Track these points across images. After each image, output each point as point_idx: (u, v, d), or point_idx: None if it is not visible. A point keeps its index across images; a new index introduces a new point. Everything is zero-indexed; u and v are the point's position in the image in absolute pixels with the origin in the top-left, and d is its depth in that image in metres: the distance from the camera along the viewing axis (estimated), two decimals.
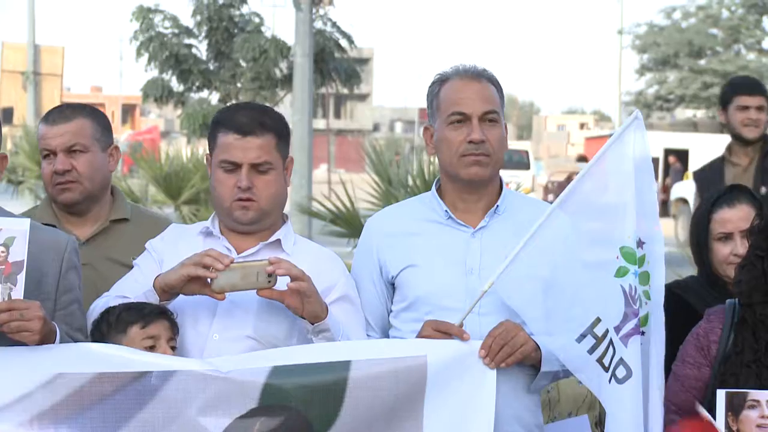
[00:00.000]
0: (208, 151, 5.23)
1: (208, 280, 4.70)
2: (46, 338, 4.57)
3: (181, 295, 4.89)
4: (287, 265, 4.69)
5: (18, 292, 4.48)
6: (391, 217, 5.43)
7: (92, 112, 5.73)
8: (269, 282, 4.65)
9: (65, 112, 5.80)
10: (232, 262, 4.71)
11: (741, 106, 8.47)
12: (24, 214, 5.74)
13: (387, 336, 5.16)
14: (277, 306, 4.89)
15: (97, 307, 4.94)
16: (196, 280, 4.69)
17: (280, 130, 5.10)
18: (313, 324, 4.77)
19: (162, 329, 4.75)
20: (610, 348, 4.72)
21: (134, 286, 4.93)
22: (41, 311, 4.51)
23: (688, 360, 4.82)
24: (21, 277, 4.48)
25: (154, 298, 4.81)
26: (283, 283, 4.68)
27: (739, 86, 9.15)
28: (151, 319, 4.74)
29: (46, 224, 5.47)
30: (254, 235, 5.03)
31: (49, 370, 4.58)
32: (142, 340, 4.70)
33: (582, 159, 47.29)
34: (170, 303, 4.89)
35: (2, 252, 4.49)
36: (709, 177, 9.10)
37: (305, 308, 4.72)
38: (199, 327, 4.93)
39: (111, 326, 4.74)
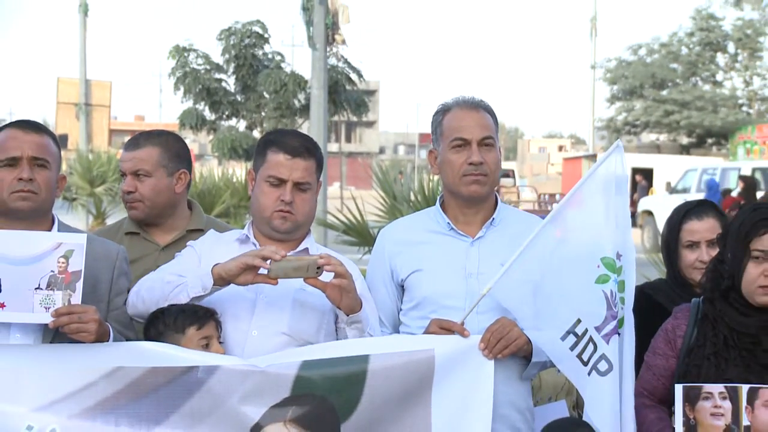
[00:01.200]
0: (252, 167, 5.19)
1: (262, 270, 4.68)
2: (100, 338, 4.58)
3: (222, 296, 4.88)
4: (335, 262, 4.69)
5: (77, 298, 4.50)
6: (400, 228, 5.42)
7: (164, 141, 5.69)
8: (317, 274, 4.66)
9: (139, 140, 5.78)
10: (284, 257, 4.70)
11: None
12: (114, 225, 6.06)
13: (397, 330, 5.16)
14: (308, 305, 4.94)
15: (145, 283, 4.90)
16: (251, 270, 4.64)
17: (319, 158, 5.11)
18: (348, 315, 4.78)
19: (212, 329, 4.76)
20: (590, 345, 4.74)
21: (178, 269, 4.92)
22: (97, 314, 4.54)
23: (658, 352, 4.84)
24: (79, 285, 4.51)
25: (208, 282, 4.73)
26: (327, 277, 4.69)
27: None
28: (205, 321, 4.75)
29: (131, 232, 5.75)
30: (286, 243, 4.99)
31: (110, 363, 4.59)
32: (199, 340, 4.70)
33: None
34: (211, 300, 4.87)
35: (62, 263, 4.50)
36: None
37: (342, 301, 4.71)
38: (239, 324, 4.90)
39: (168, 326, 4.73)
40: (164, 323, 4.75)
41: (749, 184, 30.23)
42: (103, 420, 4.57)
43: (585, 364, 4.75)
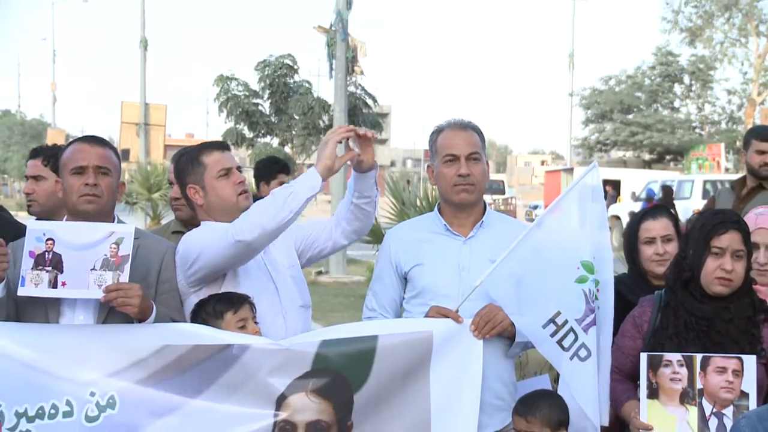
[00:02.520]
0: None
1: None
2: (143, 312, 4.57)
3: (247, 282, 4.89)
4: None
5: (124, 278, 4.51)
6: (404, 229, 5.42)
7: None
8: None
9: None
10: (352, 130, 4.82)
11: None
12: (164, 225, 6.27)
13: (398, 315, 5.14)
14: (297, 276, 5.18)
15: (254, 208, 4.79)
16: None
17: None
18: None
19: (247, 312, 4.73)
20: (571, 334, 4.74)
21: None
22: (140, 291, 4.53)
23: (626, 334, 4.84)
24: (126, 267, 4.52)
25: (317, 181, 4.70)
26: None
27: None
28: (239, 305, 4.72)
29: (177, 231, 5.75)
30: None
31: (159, 342, 4.58)
32: (236, 323, 4.67)
33: None
34: (238, 286, 4.86)
35: (114, 248, 4.52)
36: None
37: (368, 157, 4.90)
38: (273, 306, 4.92)
39: (209, 314, 4.70)
40: (205, 311, 4.73)
41: (667, 192, 31.73)
42: (154, 389, 4.56)
43: (566, 350, 4.74)
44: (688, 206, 30.90)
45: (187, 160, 5.09)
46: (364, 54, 26.18)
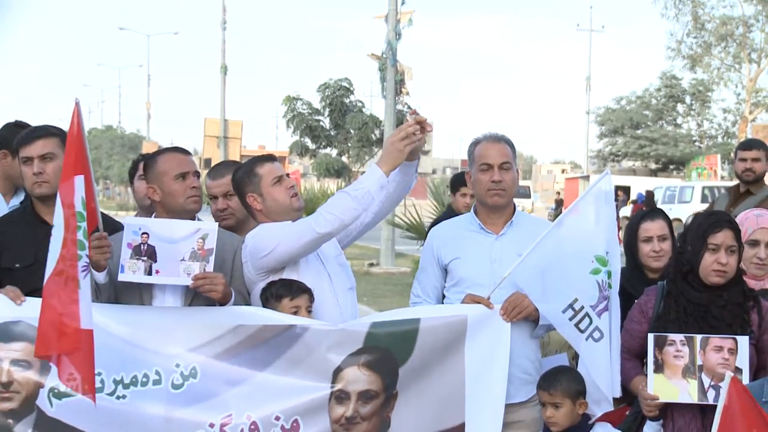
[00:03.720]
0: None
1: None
2: (225, 297, 4.62)
3: (307, 271, 4.87)
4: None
5: (209, 267, 4.54)
6: (445, 227, 5.38)
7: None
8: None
9: (221, 170, 5.69)
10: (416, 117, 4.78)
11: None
12: None
13: (440, 301, 5.10)
14: (343, 262, 5.18)
15: (332, 201, 4.81)
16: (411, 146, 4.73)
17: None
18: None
19: (303, 301, 4.70)
20: (586, 318, 4.74)
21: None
22: (223, 280, 4.58)
23: (634, 319, 4.79)
24: (211, 259, 4.54)
25: (383, 179, 4.72)
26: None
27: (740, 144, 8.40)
28: (297, 294, 4.69)
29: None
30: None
31: (233, 322, 4.60)
32: (290, 308, 4.66)
33: (560, 202, 47.16)
34: (299, 274, 4.84)
35: (200, 243, 4.55)
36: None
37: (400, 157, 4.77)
38: (326, 290, 4.89)
39: (272, 295, 4.69)
40: (269, 292, 4.72)
41: (649, 196, 31.92)
42: (228, 362, 4.58)
43: (582, 332, 4.74)
44: (690, 209, 30.65)
45: (244, 174, 5.06)
46: (410, 77, 26.20)
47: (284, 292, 4.70)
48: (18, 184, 5.60)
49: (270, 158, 5.18)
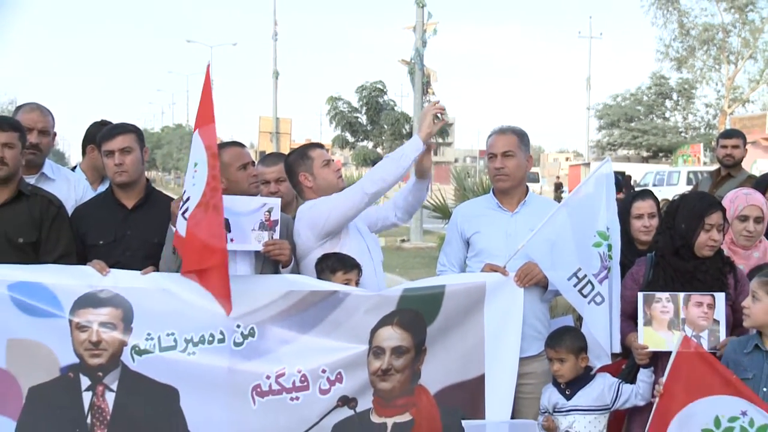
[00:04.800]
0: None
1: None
2: (289, 261, 4.68)
3: (350, 242, 4.88)
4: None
5: (276, 235, 4.59)
6: (467, 206, 5.39)
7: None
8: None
9: (273, 159, 5.72)
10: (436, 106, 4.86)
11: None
12: None
13: (463, 271, 5.09)
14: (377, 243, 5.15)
15: (374, 170, 4.89)
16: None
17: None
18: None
19: (354, 275, 4.69)
20: (589, 285, 4.72)
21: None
22: (289, 246, 4.65)
23: (627, 286, 4.77)
24: (277, 228, 4.59)
25: (420, 145, 4.82)
26: None
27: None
28: (349, 269, 4.69)
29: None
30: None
31: (285, 288, 4.60)
32: (342, 280, 4.65)
33: (560, 185, 46.77)
34: (345, 245, 4.85)
35: (267, 215, 4.58)
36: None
37: (427, 163, 5.00)
38: (368, 266, 4.88)
39: (326, 268, 4.68)
40: (325, 264, 4.71)
41: (627, 178, 31.59)
42: (281, 324, 4.58)
43: (585, 296, 4.72)
44: (676, 190, 30.43)
45: (297, 156, 5.10)
46: (435, 79, 26.06)
47: (339, 265, 4.69)
48: (103, 174, 5.63)
49: (320, 145, 5.25)
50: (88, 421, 4.50)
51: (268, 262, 4.70)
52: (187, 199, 4.32)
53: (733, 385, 4.15)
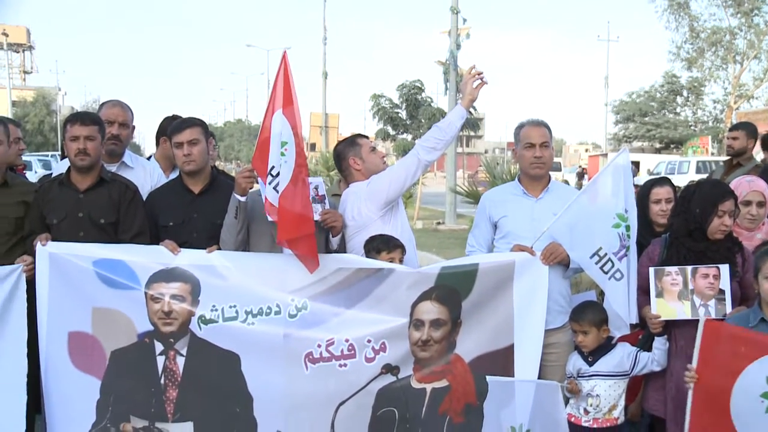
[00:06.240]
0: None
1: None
2: (340, 230, 4.73)
3: (401, 217, 4.94)
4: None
5: (327, 206, 4.66)
6: (495, 192, 5.30)
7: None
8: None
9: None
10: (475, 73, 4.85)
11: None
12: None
13: (490, 251, 5.04)
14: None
15: (428, 133, 4.95)
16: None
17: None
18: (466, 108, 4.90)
19: (397, 254, 4.68)
20: (609, 262, 4.64)
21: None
22: (341, 217, 4.70)
23: (643, 264, 4.69)
24: (327, 201, 4.71)
25: (465, 113, 4.88)
26: None
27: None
28: (393, 249, 4.68)
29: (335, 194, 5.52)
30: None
31: (335, 265, 4.59)
32: (386, 259, 4.63)
33: (582, 173, 46.25)
34: (398, 218, 4.89)
35: (315, 190, 4.62)
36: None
37: (473, 94, 4.89)
38: (406, 238, 4.88)
39: (373, 248, 4.68)
40: (371, 246, 4.71)
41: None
42: (330, 298, 4.58)
43: (605, 273, 4.65)
44: (686, 179, 30.02)
45: (347, 144, 5.17)
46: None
47: (383, 246, 4.68)
48: (174, 162, 5.67)
49: (365, 136, 5.29)
50: (162, 381, 4.57)
51: (320, 234, 4.68)
52: (277, 174, 4.31)
53: (765, 343, 4.03)
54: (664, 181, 5.52)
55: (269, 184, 4.33)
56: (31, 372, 4.52)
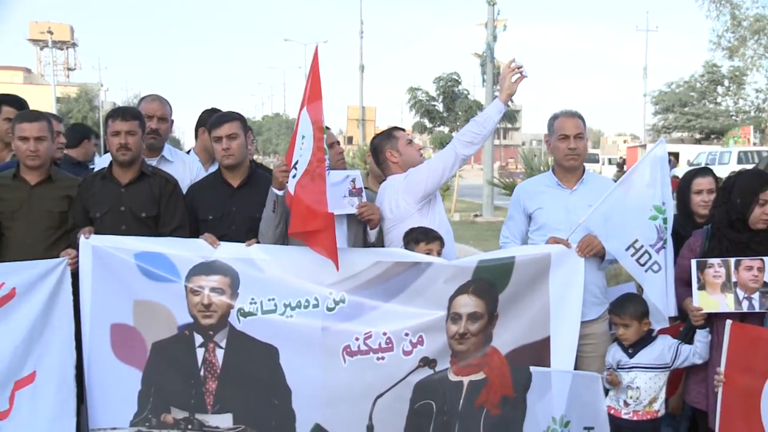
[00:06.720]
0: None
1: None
2: (377, 223, 4.71)
3: (439, 208, 4.93)
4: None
5: (363, 200, 4.63)
6: (529, 183, 5.29)
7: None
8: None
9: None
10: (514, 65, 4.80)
11: None
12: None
13: (524, 243, 5.04)
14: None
15: (466, 127, 4.86)
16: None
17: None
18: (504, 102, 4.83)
19: (435, 245, 4.67)
20: (646, 254, 4.59)
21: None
22: (378, 209, 4.67)
23: (684, 256, 4.64)
24: (363, 194, 4.62)
25: (503, 107, 4.82)
26: None
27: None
28: (431, 240, 4.67)
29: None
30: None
31: (373, 259, 4.59)
32: (424, 251, 4.63)
33: (622, 163, 45.74)
34: (436, 210, 4.88)
35: (352, 184, 4.62)
36: None
37: (511, 89, 4.79)
38: (443, 230, 4.84)
39: (411, 240, 4.68)
40: (410, 237, 4.70)
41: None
42: (368, 292, 4.57)
43: (642, 265, 4.59)
44: (728, 169, 29.53)
45: (384, 137, 5.16)
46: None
47: (422, 237, 4.67)
48: (213, 155, 5.71)
49: (402, 128, 5.28)
50: (201, 373, 4.60)
51: (358, 227, 4.70)
52: (295, 163, 4.34)
53: None
54: (706, 171, 5.44)
55: (291, 176, 4.36)
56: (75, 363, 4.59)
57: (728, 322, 4.23)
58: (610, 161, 50.88)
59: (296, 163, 4.33)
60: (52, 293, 4.54)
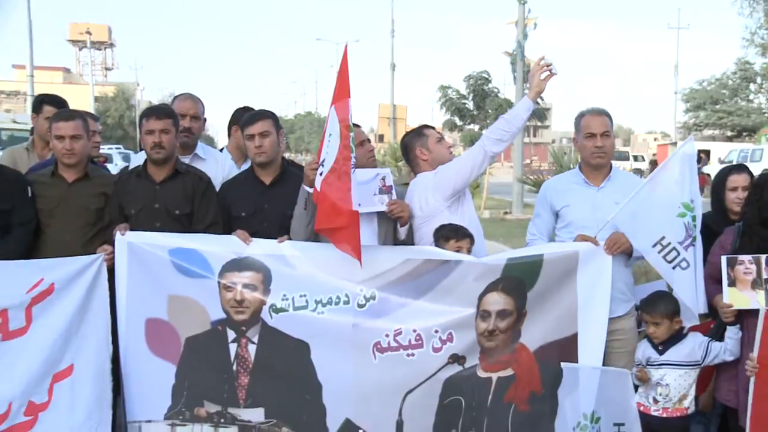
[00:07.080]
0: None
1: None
2: (407, 220, 4.69)
3: (469, 204, 4.91)
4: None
5: (393, 197, 4.60)
6: (555, 181, 5.26)
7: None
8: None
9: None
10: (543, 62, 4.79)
11: None
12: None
13: (551, 240, 5.01)
14: None
15: (494, 125, 4.84)
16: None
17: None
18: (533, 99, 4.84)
19: (465, 243, 4.66)
20: (673, 251, 4.55)
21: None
22: (408, 207, 4.65)
23: (715, 253, 4.59)
24: (393, 192, 4.60)
25: (531, 105, 4.82)
26: None
27: None
28: (460, 237, 4.66)
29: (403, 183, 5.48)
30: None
31: (403, 256, 4.60)
32: (454, 248, 4.62)
33: (654, 162, 45.34)
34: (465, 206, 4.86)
35: (382, 182, 4.60)
36: None
37: (540, 86, 4.81)
38: (474, 228, 4.84)
39: (441, 236, 4.67)
40: (440, 234, 4.69)
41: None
42: (398, 289, 4.58)
43: (669, 262, 4.55)
44: (760, 167, 29.11)
45: (414, 135, 5.15)
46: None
47: (452, 234, 4.66)
48: (246, 153, 5.74)
49: (432, 126, 5.26)
50: (234, 368, 4.64)
51: (389, 225, 4.70)
52: (323, 160, 4.35)
53: None
54: (741, 168, 5.33)
55: (318, 174, 4.36)
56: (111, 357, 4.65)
57: (762, 308, 4.18)
58: (636, 158, 50.36)
59: (323, 160, 4.34)
60: (89, 289, 4.60)
